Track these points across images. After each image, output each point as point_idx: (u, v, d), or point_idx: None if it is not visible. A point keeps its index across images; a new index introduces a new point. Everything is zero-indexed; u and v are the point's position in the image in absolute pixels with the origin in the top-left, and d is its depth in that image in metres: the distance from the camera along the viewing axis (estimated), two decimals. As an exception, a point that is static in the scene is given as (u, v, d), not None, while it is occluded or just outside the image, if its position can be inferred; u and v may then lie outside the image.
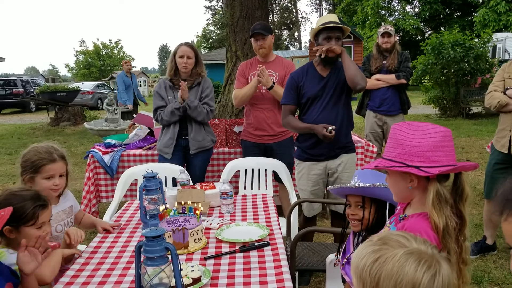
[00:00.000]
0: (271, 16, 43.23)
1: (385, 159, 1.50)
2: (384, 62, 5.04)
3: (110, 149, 4.55)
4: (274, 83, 3.70)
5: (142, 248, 1.50)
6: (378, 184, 1.82)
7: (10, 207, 1.65)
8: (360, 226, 1.95)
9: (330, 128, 3.00)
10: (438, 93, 12.72)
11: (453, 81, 12.26)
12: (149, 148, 4.63)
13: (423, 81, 13.96)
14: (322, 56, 3.06)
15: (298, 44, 48.38)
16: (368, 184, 1.85)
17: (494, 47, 17.92)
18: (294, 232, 3.21)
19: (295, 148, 3.37)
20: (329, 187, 2.11)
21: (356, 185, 1.89)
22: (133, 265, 1.91)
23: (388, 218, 1.84)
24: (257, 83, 3.73)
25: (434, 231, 1.39)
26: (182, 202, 2.36)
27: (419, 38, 25.86)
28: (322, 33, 3.08)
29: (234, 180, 3.83)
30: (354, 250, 1.95)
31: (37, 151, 2.17)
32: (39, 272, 1.76)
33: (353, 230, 1.99)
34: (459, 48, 11.45)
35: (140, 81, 35.73)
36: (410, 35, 25.46)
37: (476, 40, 12.14)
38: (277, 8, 43.81)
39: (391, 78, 4.97)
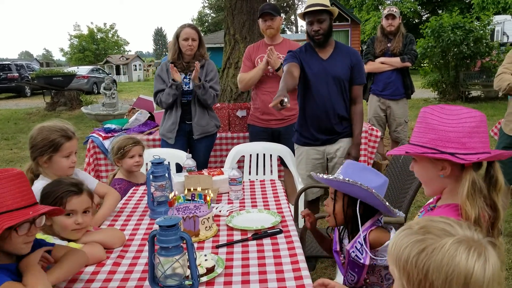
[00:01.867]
0: (267, -1, 42.66)
1: (414, 145, 1.40)
2: (389, 45, 4.96)
3: (110, 134, 4.49)
4: (282, 64, 3.63)
5: (155, 238, 1.44)
6: (348, 179, 1.72)
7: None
8: (334, 221, 1.86)
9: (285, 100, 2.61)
10: (437, 77, 12.64)
11: (453, 65, 12.18)
12: (150, 133, 4.57)
13: (422, 64, 13.88)
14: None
15: (294, 28, 48.03)
16: (330, 177, 1.76)
17: (492, 30, 17.81)
18: (300, 217, 3.18)
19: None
20: (311, 173, 2.02)
21: (328, 177, 1.79)
22: (143, 253, 1.86)
23: (365, 220, 1.79)
24: (264, 66, 3.67)
25: None
26: (192, 189, 2.29)
27: (417, 21, 25.68)
28: (307, 16, 3.02)
29: (238, 165, 3.77)
30: (339, 244, 1.89)
31: (52, 129, 2.10)
32: None
33: (329, 224, 1.91)
34: (459, 31, 11.35)
35: (136, 65, 35.44)
36: (407, 18, 25.24)
37: (476, 23, 12.03)
38: (273, -10, 43.32)
39: (396, 61, 4.89)
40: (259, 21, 3.79)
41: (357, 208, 1.75)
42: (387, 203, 1.74)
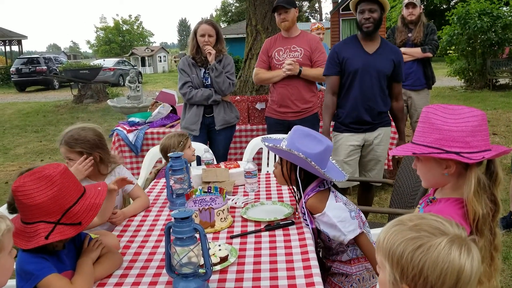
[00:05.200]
0: (290, -13, 42.17)
1: (419, 145, 1.43)
2: (409, 35, 4.91)
3: (134, 127, 4.62)
4: (300, 69, 3.69)
5: (171, 229, 1.54)
6: (285, 148, 1.90)
7: (105, 183, 1.76)
8: (284, 182, 2.06)
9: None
10: (464, 65, 12.40)
11: (480, 52, 11.92)
12: (172, 126, 4.69)
13: (448, 52, 13.61)
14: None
15: (318, 16, 47.48)
16: (271, 145, 1.96)
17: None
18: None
19: (333, 122, 3.46)
20: (262, 137, 2.21)
21: (269, 144, 1.99)
22: (162, 243, 1.96)
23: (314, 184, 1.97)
24: (285, 75, 3.73)
25: (465, 219, 1.36)
26: (209, 182, 2.39)
27: (444, 7, 25.07)
28: (360, 4, 3.16)
29: (257, 157, 3.85)
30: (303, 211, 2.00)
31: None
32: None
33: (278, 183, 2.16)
34: (486, 18, 11.09)
35: (160, 57, 35.81)
36: (434, 4, 24.67)
37: (504, 8, 11.71)
38: (297, -21, 42.84)
39: (416, 52, 4.85)
40: (274, 14, 3.83)
41: (297, 173, 1.95)
42: (321, 170, 1.87)
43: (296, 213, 2.15)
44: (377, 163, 3.41)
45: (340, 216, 1.89)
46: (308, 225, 1.97)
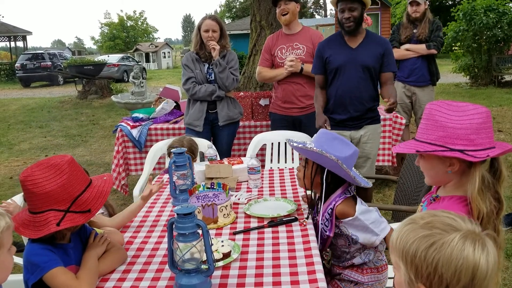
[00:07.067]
0: (295, -17, 41.89)
1: (422, 142, 1.42)
2: (414, 31, 4.89)
3: (137, 123, 4.62)
4: (302, 66, 3.67)
5: (174, 225, 1.54)
6: (316, 149, 1.86)
7: (110, 174, 1.79)
8: (304, 185, 2.03)
9: (327, 126, 3.19)
10: (469, 61, 12.34)
11: (485, 48, 11.86)
12: (176, 122, 4.68)
13: (453, 48, 13.53)
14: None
15: (323, 12, 47.28)
16: (300, 145, 1.90)
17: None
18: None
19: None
20: (287, 139, 2.14)
21: (298, 145, 1.93)
22: (165, 239, 1.96)
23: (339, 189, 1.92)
24: (287, 73, 3.72)
25: (469, 217, 1.35)
26: (213, 178, 2.38)
27: (450, 3, 24.92)
28: (339, 3, 3.12)
29: (260, 153, 3.85)
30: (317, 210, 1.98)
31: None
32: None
33: (299, 185, 2.11)
34: (492, 14, 11.02)
35: (165, 53, 35.79)
36: (440, 0, 24.52)
37: (510, 4, 11.65)
38: (302, -26, 42.59)
39: (421, 48, 4.83)
40: (275, 8, 3.79)
41: (325, 176, 1.90)
42: (351, 174, 1.85)
43: (301, 213, 2.13)
44: (366, 160, 3.37)
45: (370, 218, 1.87)
46: (326, 231, 1.93)
